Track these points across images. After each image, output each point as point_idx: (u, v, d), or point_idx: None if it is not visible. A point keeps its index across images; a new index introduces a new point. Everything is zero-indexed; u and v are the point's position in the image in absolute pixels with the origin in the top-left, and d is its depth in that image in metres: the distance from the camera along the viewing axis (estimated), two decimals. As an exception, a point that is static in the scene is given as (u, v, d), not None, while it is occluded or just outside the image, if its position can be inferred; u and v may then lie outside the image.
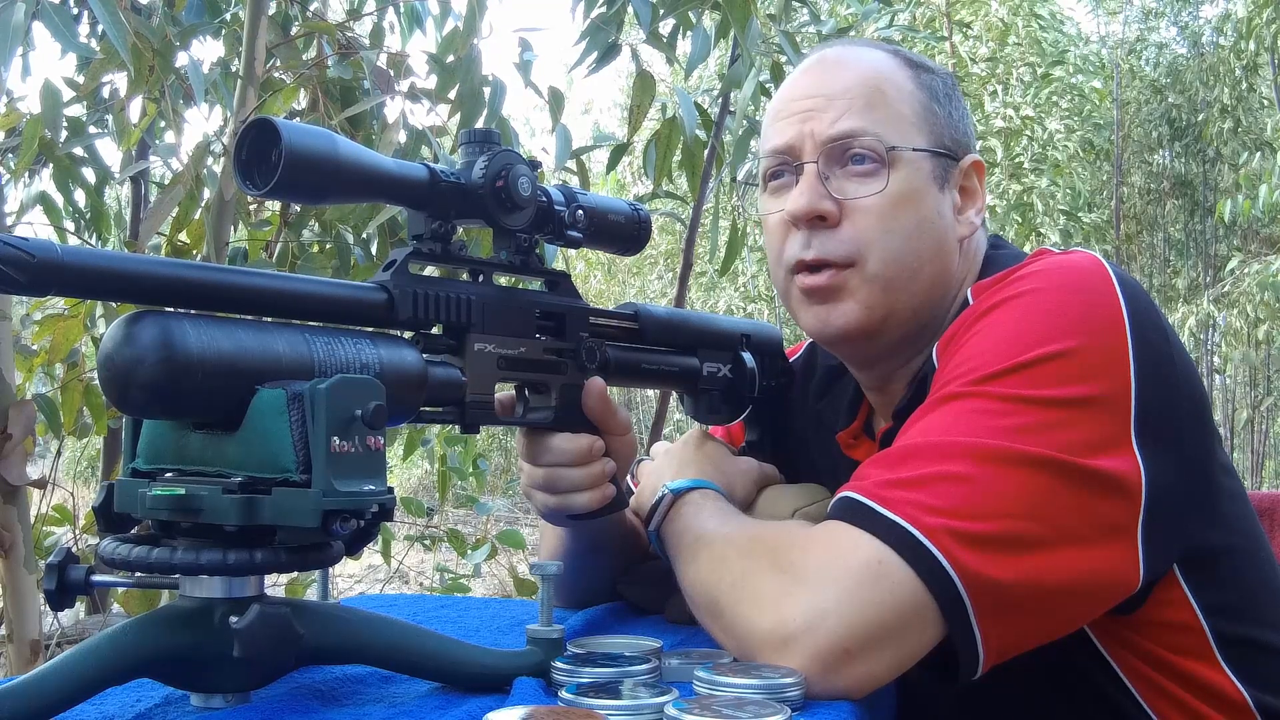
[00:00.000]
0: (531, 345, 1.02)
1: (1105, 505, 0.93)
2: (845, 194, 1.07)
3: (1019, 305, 0.99)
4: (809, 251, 1.09)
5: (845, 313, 1.09)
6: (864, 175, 1.08)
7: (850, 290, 1.08)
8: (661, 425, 3.43)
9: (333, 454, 0.75)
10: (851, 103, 1.08)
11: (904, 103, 1.10)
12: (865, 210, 1.07)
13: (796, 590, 0.89)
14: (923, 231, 1.09)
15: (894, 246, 1.07)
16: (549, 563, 0.93)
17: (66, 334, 2.23)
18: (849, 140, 1.08)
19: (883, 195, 1.07)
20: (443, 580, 3.17)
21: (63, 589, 0.81)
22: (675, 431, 9.62)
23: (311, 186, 0.85)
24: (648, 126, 2.91)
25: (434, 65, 2.47)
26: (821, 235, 1.08)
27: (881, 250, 1.07)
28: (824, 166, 1.08)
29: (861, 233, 1.07)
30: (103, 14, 1.75)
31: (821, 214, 1.07)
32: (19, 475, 2.08)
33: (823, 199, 1.07)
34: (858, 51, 1.16)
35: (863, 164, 1.08)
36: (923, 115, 1.11)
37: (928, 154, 1.09)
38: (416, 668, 0.89)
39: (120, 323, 0.75)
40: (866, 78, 1.11)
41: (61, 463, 2.77)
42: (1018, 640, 0.93)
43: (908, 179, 1.08)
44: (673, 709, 0.78)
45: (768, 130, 1.15)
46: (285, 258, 2.42)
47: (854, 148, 1.08)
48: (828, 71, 1.13)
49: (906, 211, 1.08)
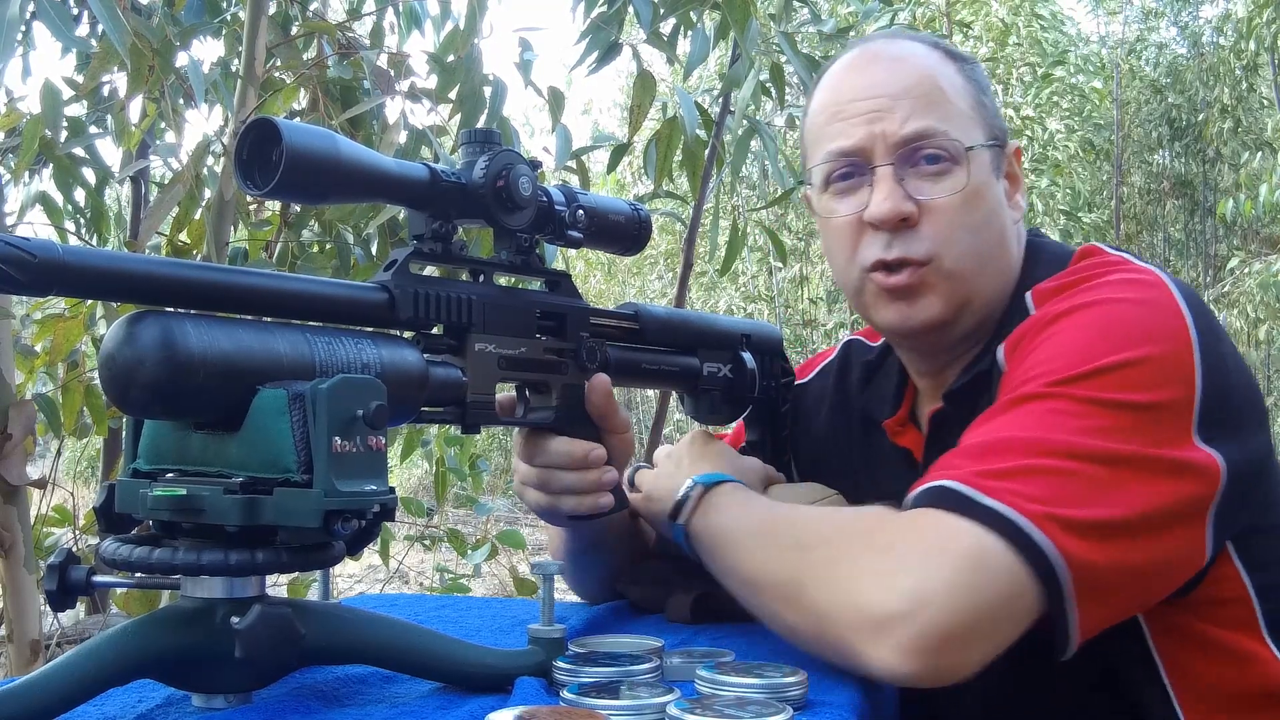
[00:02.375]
0: (532, 345, 1.02)
1: (1184, 491, 0.97)
2: (923, 194, 1.10)
3: (1091, 313, 1.02)
4: (891, 251, 1.11)
5: (927, 307, 1.12)
6: (937, 174, 1.10)
7: (931, 286, 1.11)
8: (661, 425, 3.43)
9: (334, 454, 0.75)
10: (915, 102, 1.10)
11: (960, 98, 1.13)
12: (942, 209, 1.10)
13: (898, 574, 0.89)
14: (990, 223, 1.13)
15: (969, 241, 1.11)
16: (549, 562, 0.93)
17: (67, 334, 2.23)
18: (922, 141, 1.10)
19: (959, 194, 1.10)
20: (443, 580, 3.17)
21: (64, 590, 0.81)
22: (675, 431, 9.62)
23: (312, 186, 0.85)
24: (648, 126, 2.91)
25: (434, 65, 2.47)
26: (902, 235, 1.10)
27: (959, 246, 1.10)
28: (899, 168, 1.10)
29: (940, 231, 1.10)
30: (101, 12, 1.75)
31: (904, 216, 1.09)
32: (19, 475, 2.08)
33: (904, 201, 1.09)
34: (904, 46, 1.17)
35: (935, 163, 1.10)
36: (976, 108, 1.14)
37: (987, 147, 1.13)
38: (418, 668, 0.89)
39: (121, 323, 0.75)
40: (923, 75, 1.12)
41: (61, 463, 2.76)
42: (1105, 620, 0.96)
43: (977, 174, 1.11)
44: (674, 709, 0.78)
45: (825, 130, 1.15)
46: (285, 258, 2.42)
47: (926, 148, 1.10)
48: (883, 69, 1.14)
49: (978, 206, 1.11)
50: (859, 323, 8.22)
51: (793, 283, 8.93)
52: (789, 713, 0.78)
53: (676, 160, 2.69)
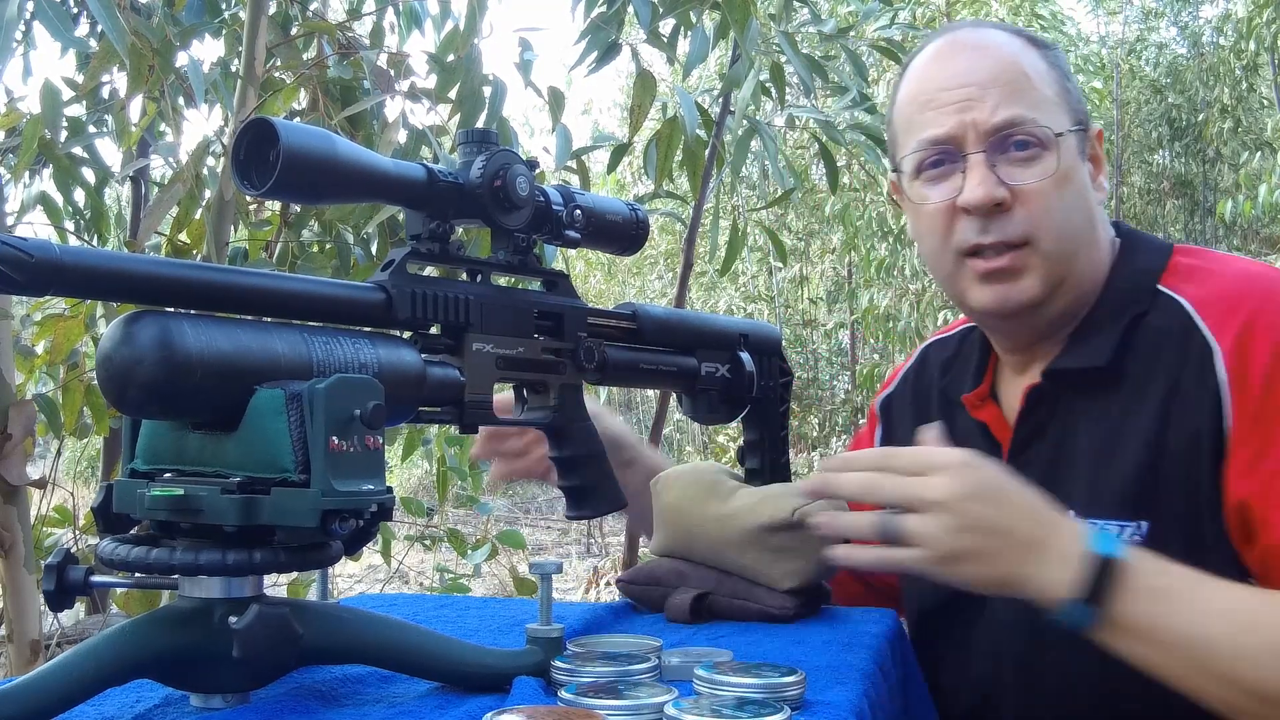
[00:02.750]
0: (530, 345, 1.02)
1: None
2: (1015, 180, 1.13)
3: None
4: (986, 236, 1.14)
5: (1025, 289, 1.14)
6: (1028, 160, 1.13)
7: (1029, 268, 1.14)
8: (661, 425, 3.42)
9: (331, 454, 0.76)
10: (1003, 90, 1.13)
11: (1046, 85, 1.16)
12: (1035, 193, 1.13)
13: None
14: (1080, 204, 1.16)
15: (1061, 223, 1.14)
16: (548, 562, 0.94)
17: (67, 334, 2.23)
18: (1012, 129, 1.12)
19: (1048, 179, 1.13)
20: (443, 580, 3.17)
21: (62, 590, 0.81)
22: (675, 431, 9.62)
23: (309, 186, 0.85)
24: (648, 126, 2.90)
25: (434, 65, 2.46)
26: (997, 220, 1.13)
27: (1052, 228, 1.13)
28: (990, 155, 1.13)
29: (1033, 214, 1.13)
30: (100, 12, 1.75)
31: (998, 202, 1.12)
32: (19, 475, 2.08)
33: (996, 187, 1.12)
34: (988, 35, 1.20)
35: (1025, 149, 1.13)
36: (1061, 94, 1.17)
37: (1073, 131, 1.15)
38: (416, 667, 0.89)
39: (119, 322, 0.75)
40: (1009, 63, 1.15)
41: (61, 463, 2.76)
42: None
43: (1065, 158, 1.14)
44: (673, 708, 0.78)
45: (916, 119, 1.18)
46: (285, 258, 2.42)
47: (1017, 135, 1.13)
48: (970, 58, 1.17)
49: (1068, 189, 1.14)
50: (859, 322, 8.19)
51: (793, 283, 8.93)
52: (787, 712, 0.78)
53: (676, 160, 2.69)
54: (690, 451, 9.72)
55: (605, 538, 8.16)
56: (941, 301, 6.73)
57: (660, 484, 1.34)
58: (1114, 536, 1.01)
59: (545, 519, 9.34)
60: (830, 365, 9.25)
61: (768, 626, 1.18)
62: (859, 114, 3.02)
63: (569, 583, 6.61)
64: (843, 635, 1.14)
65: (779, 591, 1.21)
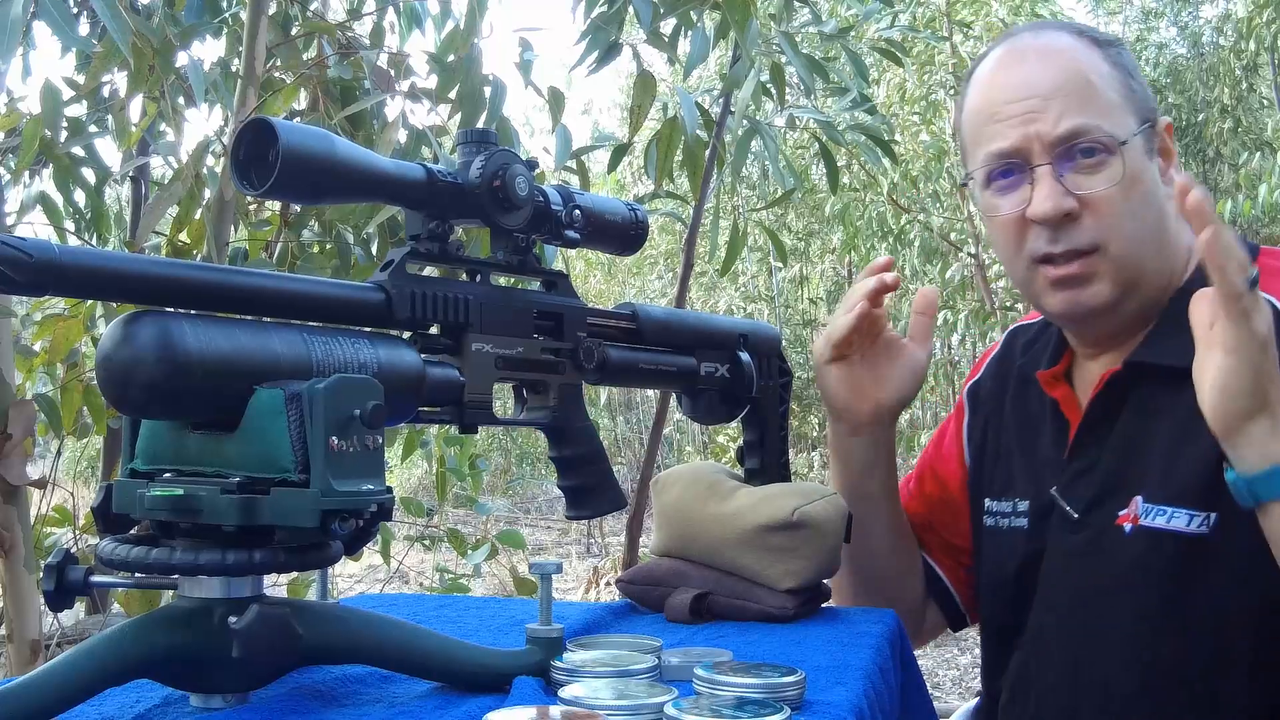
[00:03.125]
0: (529, 345, 1.02)
1: None
2: (1082, 189, 1.14)
3: None
4: (1057, 245, 1.15)
5: (1095, 294, 1.16)
6: (1095, 168, 1.14)
7: (1099, 274, 1.15)
8: (662, 425, 3.42)
9: (331, 454, 0.76)
10: (1067, 99, 1.14)
11: (1110, 88, 1.16)
12: (1103, 200, 1.14)
13: None
14: (1149, 205, 1.16)
15: (1132, 227, 1.15)
16: (548, 562, 0.94)
17: (66, 334, 2.23)
18: (1077, 138, 1.13)
19: (1115, 185, 1.13)
20: (443, 580, 3.17)
21: (62, 590, 0.81)
22: (675, 431, 9.61)
23: (309, 186, 0.85)
24: (648, 126, 2.90)
25: (434, 65, 2.46)
26: (1066, 229, 1.14)
27: (1121, 234, 1.14)
28: (1057, 166, 1.14)
29: (1102, 220, 1.14)
30: (104, 11, 1.75)
31: (1066, 212, 1.13)
32: (19, 475, 2.08)
33: (1064, 198, 1.13)
34: (1050, 40, 1.20)
35: (1092, 157, 1.14)
36: (1126, 95, 1.17)
37: (1139, 133, 1.16)
38: (416, 667, 0.89)
39: (118, 322, 0.75)
40: (1072, 70, 1.16)
41: (61, 463, 2.76)
42: None
43: (1132, 162, 1.14)
44: (672, 708, 0.78)
45: (982, 132, 1.19)
46: (285, 258, 2.42)
47: (1082, 144, 1.13)
48: (1032, 67, 1.17)
49: (1136, 192, 1.15)
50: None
51: (793, 283, 8.93)
52: (787, 712, 0.78)
53: (677, 160, 2.69)
54: (690, 451, 9.73)
55: (605, 538, 8.16)
56: (941, 301, 6.75)
57: (660, 484, 1.34)
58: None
59: (545, 519, 9.35)
60: (830, 365, 9.27)
61: (768, 626, 1.19)
62: (859, 114, 3.03)
63: (569, 583, 6.61)
64: (843, 635, 1.14)
65: (779, 591, 1.21)
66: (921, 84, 6.63)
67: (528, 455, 10.46)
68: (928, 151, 6.47)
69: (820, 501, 1.23)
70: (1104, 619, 1.13)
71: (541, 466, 10.05)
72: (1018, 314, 5.90)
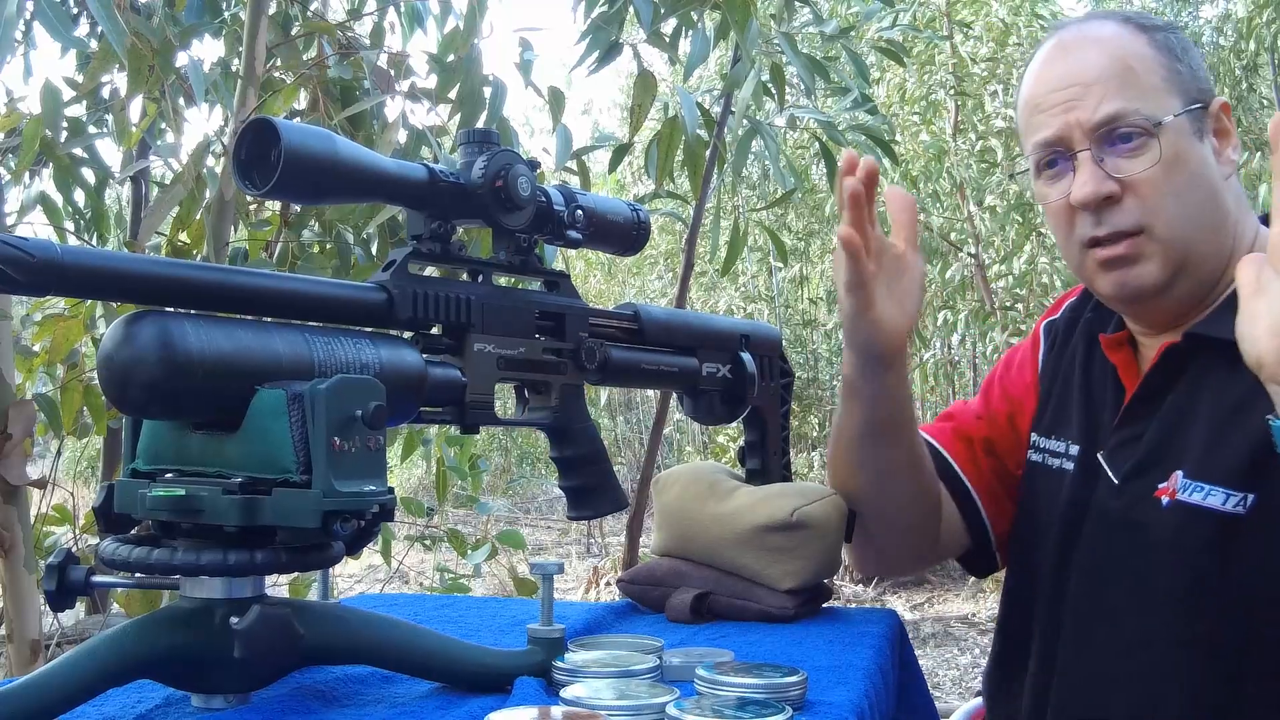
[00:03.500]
0: (531, 345, 1.02)
1: None
2: (1122, 172, 1.16)
3: None
4: (1101, 228, 1.17)
5: (1143, 274, 1.17)
6: (1135, 151, 1.16)
7: (1146, 254, 1.17)
8: (662, 425, 3.42)
9: (333, 454, 0.76)
10: (1106, 86, 1.16)
11: (1152, 72, 1.18)
12: (1144, 182, 1.15)
13: None
14: (1196, 186, 1.17)
15: (1175, 208, 1.16)
16: (550, 562, 0.94)
17: (66, 334, 2.23)
18: (1115, 123, 1.16)
19: (1157, 166, 1.15)
20: (443, 580, 3.17)
21: (63, 590, 0.81)
22: (675, 431, 9.61)
23: (310, 186, 0.85)
24: (649, 126, 2.91)
25: (434, 65, 2.47)
26: (1109, 212, 1.17)
27: (1165, 214, 1.16)
28: (1096, 151, 1.16)
29: (1144, 202, 1.16)
30: (99, 12, 1.75)
31: (1106, 195, 1.16)
32: (19, 475, 2.08)
33: (1104, 182, 1.16)
34: (1094, 29, 1.23)
35: (1131, 141, 1.16)
36: (1170, 78, 1.18)
37: (1184, 114, 1.17)
38: (417, 668, 0.89)
39: (120, 322, 0.75)
40: (1113, 56, 1.18)
41: (61, 463, 2.76)
42: None
43: (1174, 144, 1.16)
44: (674, 709, 0.78)
45: (1030, 123, 1.23)
46: (285, 258, 2.42)
47: (1120, 128, 1.16)
48: (1074, 57, 1.20)
49: (1179, 173, 1.16)
50: (859, 323, 8.23)
51: (793, 283, 8.93)
52: (788, 712, 0.78)
53: (677, 160, 2.69)
54: (690, 451, 9.72)
55: (605, 538, 8.16)
56: (941, 301, 6.73)
57: (660, 484, 1.34)
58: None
59: (545, 519, 9.34)
60: (830, 365, 9.24)
61: (768, 626, 1.19)
62: (860, 114, 3.03)
63: (569, 583, 6.61)
64: (844, 635, 1.14)
65: (779, 591, 1.21)
66: (922, 84, 6.63)
67: (528, 455, 10.46)
68: (928, 151, 6.47)
69: (820, 502, 1.23)
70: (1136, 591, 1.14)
71: (542, 466, 10.05)
72: (1018, 314, 5.89)
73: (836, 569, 1.29)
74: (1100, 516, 1.20)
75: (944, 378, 7.80)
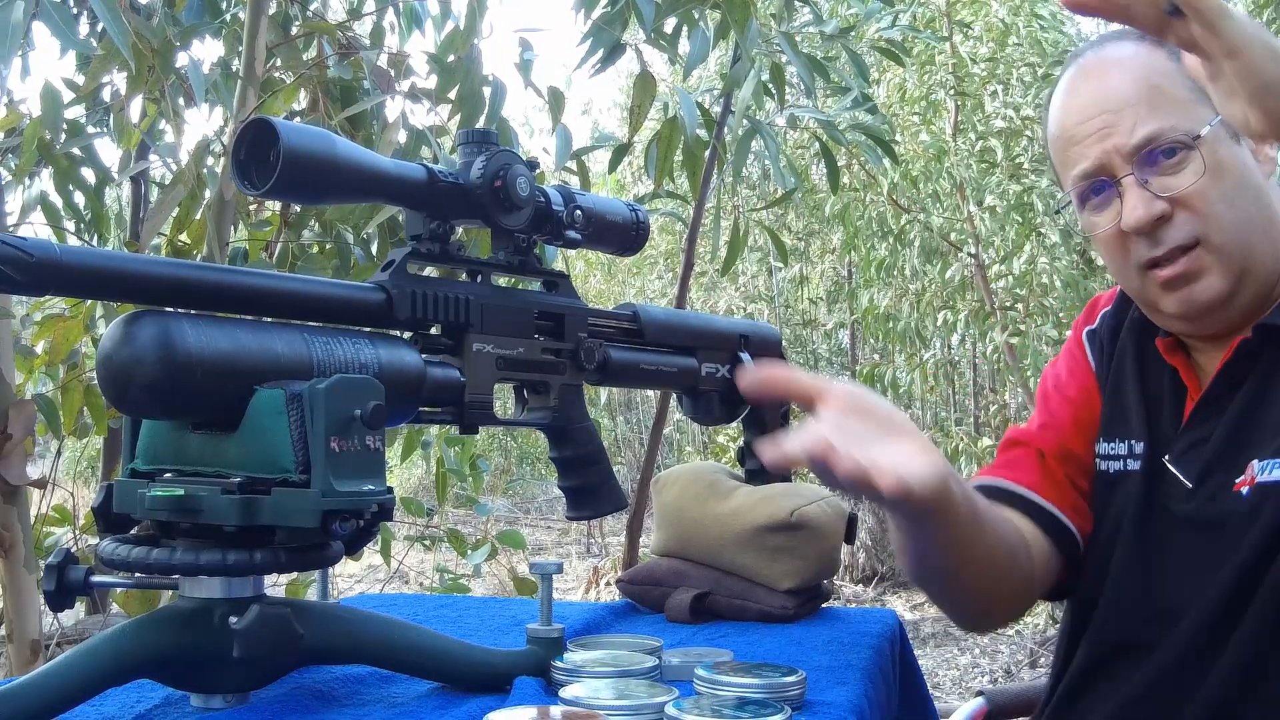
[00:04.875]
0: (530, 346, 1.02)
1: None
2: (1170, 190, 1.15)
3: None
4: (1159, 248, 1.16)
5: (1207, 288, 1.16)
6: (1178, 167, 1.15)
7: (1205, 267, 1.16)
8: (662, 425, 3.42)
9: (332, 454, 0.76)
10: (1137, 108, 1.16)
11: (1177, 86, 1.17)
12: (1192, 196, 1.15)
13: None
14: (1243, 189, 1.17)
15: (1228, 214, 1.15)
16: (548, 562, 0.94)
17: (66, 334, 2.23)
18: (1153, 143, 1.15)
19: (1202, 177, 1.14)
20: (443, 580, 3.17)
21: (62, 590, 0.81)
22: (675, 431, 9.61)
23: (310, 186, 0.85)
24: (648, 126, 2.90)
25: (434, 65, 2.47)
26: (1163, 230, 1.16)
27: (1221, 223, 1.15)
28: (1140, 174, 1.15)
29: (1197, 215, 1.15)
30: (104, 13, 1.75)
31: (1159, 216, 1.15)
32: (19, 475, 2.08)
33: (1153, 203, 1.15)
34: (1112, 51, 1.22)
35: (1173, 156, 1.15)
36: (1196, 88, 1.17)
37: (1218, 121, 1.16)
38: (416, 668, 0.89)
39: (119, 322, 0.75)
40: (1137, 76, 1.17)
41: (61, 463, 2.76)
42: None
43: (1214, 152, 1.15)
44: (673, 708, 0.78)
45: (1064, 156, 1.22)
46: (285, 258, 2.42)
47: (1160, 147, 1.15)
48: (1098, 83, 1.20)
49: (1224, 180, 1.16)
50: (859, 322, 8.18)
51: (793, 283, 8.93)
52: (787, 712, 0.78)
53: (677, 160, 2.69)
54: (690, 451, 9.72)
55: (605, 538, 8.16)
56: (941, 301, 6.73)
57: (660, 484, 1.34)
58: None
59: (545, 519, 9.34)
60: (830, 365, 9.24)
61: (768, 626, 1.19)
62: (860, 114, 3.03)
63: (569, 583, 6.61)
64: (843, 635, 1.14)
65: (778, 591, 1.21)
66: (922, 84, 6.62)
67: (528, 455, 10.46)
68: (928, 151, 6.47)
69: (819, 502, 1.23)
70: (1218, 585, 1.11)
71: (541, 466, 10.05)
72: (1017, 314, 5.89)
73: (836, 569, 1.29)
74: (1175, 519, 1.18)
75: (944, 378, 7.80)
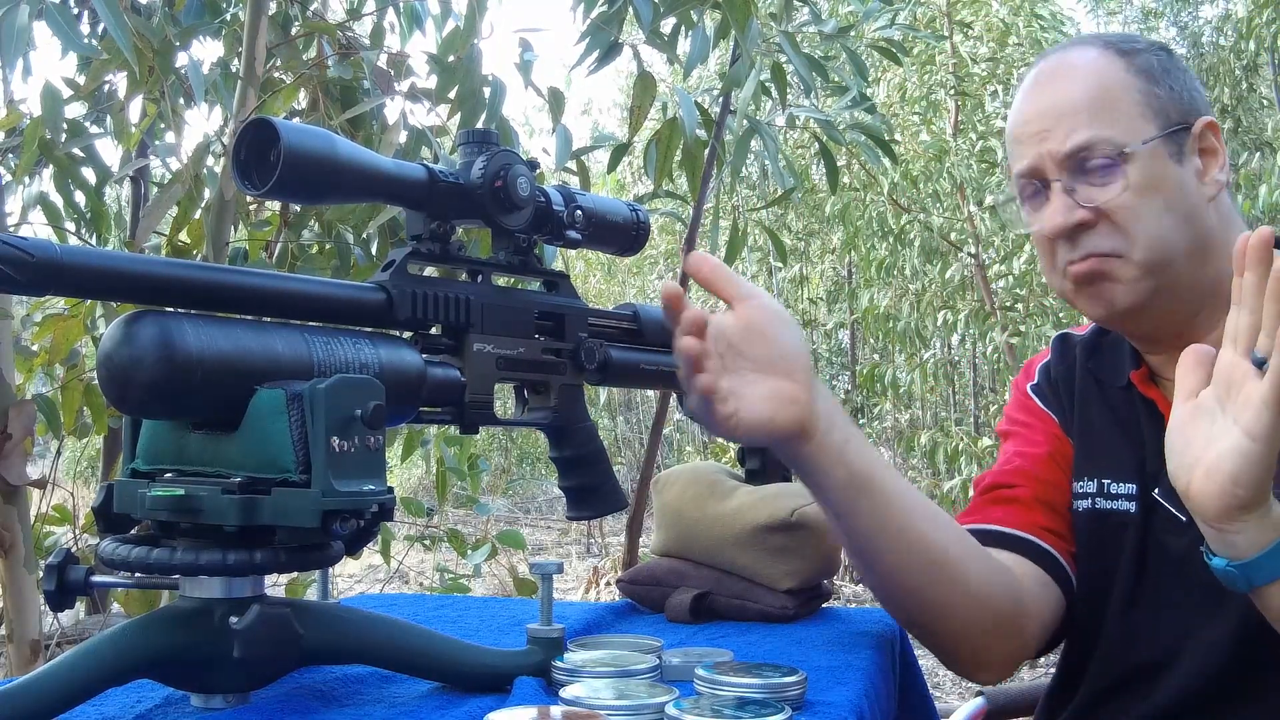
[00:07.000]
0: (530, 346, 1.02)
1: None
2: (1094, 200, 1.16)
3: None
4: (1076, 253, 1.18)
5: (1118, 295, 1.18)
6: (1105, 178, 1.16)
7: (1119, 276, 1.17)
8: (662, 425, 3.43)
9: (332, 454, 0.76)
10: (1077, 117, 1.17)
11: (1125, 98, 1.18)
12: (1116, 209, 1.16)
13: None
14: (1171, 210, 1.17)
15: (1152, 232, 1.16)
16: (549, 562, 0.94)
17: (66, 334, 2.23)
18: (1084, 153, 1.16)
19: (1127, 192, 1.15)
20: (443, 580, 3.17)
21: (62, 590, 0.81)
22: (675, 431, 9.62)
23: (310, 186, 0.85)
24: (648, 126, 2.90)
25: (434, 65, 2.47)
26: (1085, 237, 1.18)
27: (1141, 239, 1.16)
28: (1068, 181, 1.17)
29: (1118, 228, 1.16)
30: (106, 14, 1.75)
31: (1076, 224, 1.17)
32: (19, 475, 2.08)
33: (1071, 211, 1.17)
34: (1074, 56, 1.23)
35: (1102, 167, 1.17)
36: (1144, 102, 1.18)
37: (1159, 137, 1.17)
38: (416, 668, 0.89)
39: (119, 322, 0.75)
40: (1087, 85, 1.19)
41: (61, 463, 2.76)
42: None
43: (1144, 170, 1.16)
44: (673, 708, 0.78)
45: (1011, 153, 1.25)
46: (285, 258, 2.42)
47: (1090, 158, 1.16)
48: (1051, 87, 1.21)
49: (1151, 198, 1.16)
50: (859, 322, 8.19)
51: (793, 283, 8.93)
52: (788, 713, 0.78)
53: (676, 160, 2.69)
54: (690, 451, 9.72)
55: (605, 538, 8.16)
56: (941, 301, 6.73)
57: (660, 484, 1.34)
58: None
59: (545, 519, 9.34)
60: (830, 365, 9.25)
61: (768, 626, 1.19)
62: (859, 114, 3.03)
63: (569, 583, 6.61)
64: (843, 635, 1.14)
65: (779, 591, 1.21)
66: (921, 84, 6.63)
67: (528, 455, 10.46)
68: (928, 151, 6.47)
69: (810, 506, 1.23)
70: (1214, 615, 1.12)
71: (541, 466, 10.05)
72: (1017, 314, 5.89)
73: (836, 569, 1.29)
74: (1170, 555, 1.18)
75: (944, 378, 7.80)
